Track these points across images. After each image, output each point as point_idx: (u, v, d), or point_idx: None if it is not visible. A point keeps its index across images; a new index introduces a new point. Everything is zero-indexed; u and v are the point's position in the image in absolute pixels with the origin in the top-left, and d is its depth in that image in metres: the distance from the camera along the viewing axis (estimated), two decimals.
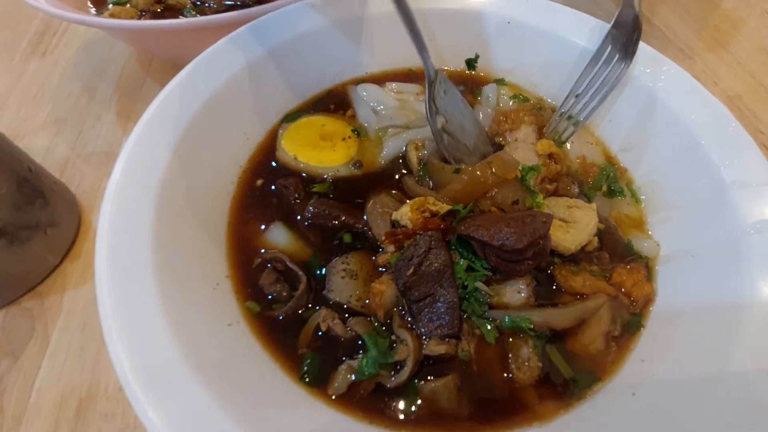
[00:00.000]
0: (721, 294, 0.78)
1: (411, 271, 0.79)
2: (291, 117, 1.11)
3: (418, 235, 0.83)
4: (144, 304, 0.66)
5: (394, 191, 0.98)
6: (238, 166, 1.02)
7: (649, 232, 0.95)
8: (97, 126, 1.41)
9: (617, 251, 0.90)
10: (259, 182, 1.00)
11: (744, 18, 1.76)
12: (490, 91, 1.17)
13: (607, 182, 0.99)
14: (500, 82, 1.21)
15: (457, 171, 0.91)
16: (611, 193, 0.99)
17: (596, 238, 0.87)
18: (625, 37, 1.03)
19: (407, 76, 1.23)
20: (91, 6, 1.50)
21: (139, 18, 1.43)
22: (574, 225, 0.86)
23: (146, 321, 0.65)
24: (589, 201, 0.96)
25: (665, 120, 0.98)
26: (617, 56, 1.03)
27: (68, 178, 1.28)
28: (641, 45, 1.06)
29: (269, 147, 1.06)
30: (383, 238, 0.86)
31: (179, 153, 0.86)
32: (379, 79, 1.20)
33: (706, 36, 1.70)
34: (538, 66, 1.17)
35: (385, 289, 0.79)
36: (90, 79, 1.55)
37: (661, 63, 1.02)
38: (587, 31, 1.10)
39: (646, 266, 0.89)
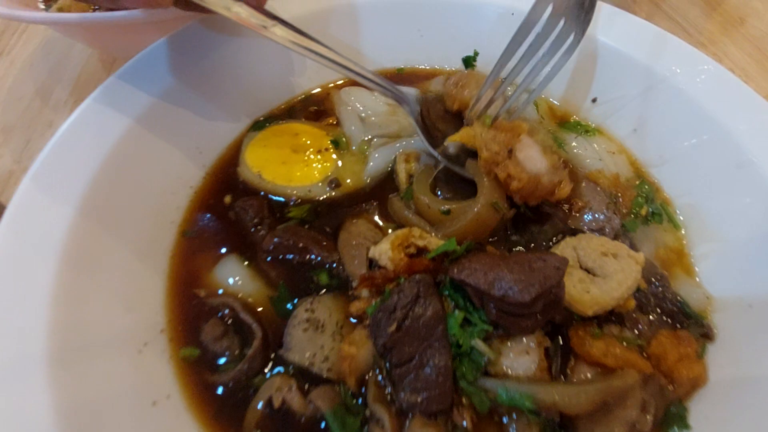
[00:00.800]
0: None
1: (393, 327, 0.62)
2: (259, 125, 0.94)
3: (402, 280, 0.66)
4: (26, 389, 0.49)
5: (376, 218, 0.81)
6: (188, 187, 0.85)
7: (695, 275, 0.76)
8: (47, 135, 1.25)
9: (665, 312, 0.71)
10: (217, 205, 0.83)
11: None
12: None
13: (646, 203, 0.81)
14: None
15: (447, 213, 0.75)
16: (649, 218, 0.81)
17: (632, 301, 0.68)
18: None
19: (398, 77, 1.06)
20: (42, 1, 1.34)
21: (93, 11, 1.26)
22: (601, 281, 0.67)
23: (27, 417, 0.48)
24: (632, 240, 0.77)
25: (706, 130, 0.81)
26: (561, 22, 0.77)
27: (9, 195, 1.12)
28: (672, 39, 0.88)
29: (230, 162, 0.89)
30: (357, 282, 0.68)
31: (101, 180, 0.69)
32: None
33: (733, 31, 1.52)
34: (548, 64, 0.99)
35: (356, 352, 0.62)
36: (45, 81, 1.40)
37: (698, 61, 0.84)
38: (604, 22, 0.92)
39: (700, 336, 0.69)
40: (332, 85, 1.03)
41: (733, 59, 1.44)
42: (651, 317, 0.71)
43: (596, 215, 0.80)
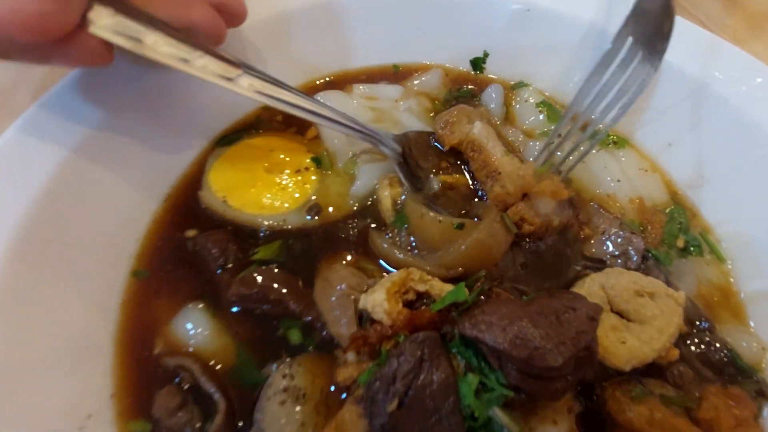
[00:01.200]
0: None
1: (394, 405, 0.50)
2: (227, 139, 0.80)
3: (402, 338, 0.53)
4: None
5: (357, 256, 0.67)
6: (148, 213, 0.71)
7: (746, 319, 0.65)
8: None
9: (712, 363, 0.60)
10: (178, 241, 0.69)
11: None
12: (494, 91, 0.87)
13: (681, 233, 0.70)
14: (519, 85, 0.91)
15: (461, 227, 0.63)
16: (686, 250, 0.69)
17: (676, 350, 0.57)
18: (651, 28, 0.74)
19: (381, 74, 0.91)
20: None
21: None
22: (637, 329, 0.56)
23: None
24: (667, 274, 0.65)
25: (755, 146, 0.69)
26: (640, 54, 0.74)
27: None
28: (714, 39, 0.76)
29: (192, 184, 0.75)
30: (348, 342, 0.55)
31: (37, 215, 0.56)
32: (343, 81, 0.89)
33: (757, 28, 1.41)
34: (570, 69, 0.86)
35: None
36: (5, 85, 1.24)
37: (747, 65, 0.72)
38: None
39: (756, 394, 0.58)
40: (312, 85, 0.89)
41: (760, 58, 1.33)
42: (696, 369, 0.60)
43: (613, 239, 0.70)
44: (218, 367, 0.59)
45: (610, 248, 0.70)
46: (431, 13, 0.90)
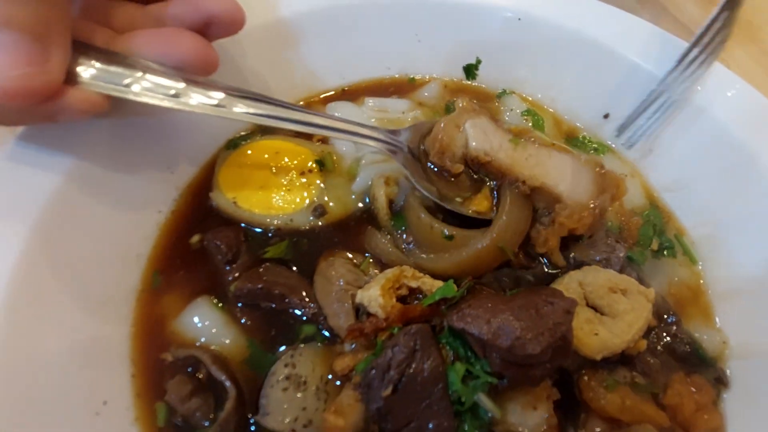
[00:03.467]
0: None
1: (389, 390, 0.55)
2: (234, 142, 0.84)
3: (396, 330, 0.58)
4: None
5: (354, 254, 0.71)
6: (157, 213, 0.75)
7: (713, 316, 0.70)
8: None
9: (677, 354, 0.65)
10: (189, 238, 0.73)
11: None
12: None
13: (655, 235, 0.75)
14: (503, 94, 0.95)
15: (450, 238, 0.67)
16: (660, 252, 0.74)
17: (644, 342, 0.62)
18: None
19: (395, 86, 0.96)
20: None
21: None
22: (609, 322, 0.61)
23: None
24: (640, 272, 0.70)
25: (730, 154, 0.74)
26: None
27: None
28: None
29: (204, 185, 0.79)
30: (345, 333, 0.60)
31: (52, 214, 0.60)
32: (356, 94, 0.94)
33: (745, 38, 1.45)
34: (557, 75, 0.91)
35: (344, 424, 0.55)
36: None
37: (725, 78, 0.77)
38: (621, 30, 0.85)
39: (715, 381, 0.64)
40: (316, 99, 0.93)
41: (740, 66, 1.37)
42: (663, 359, 0.65)
43: (599, 245, 0.72)
44: (226, 357, 0.64)
45: (594, 254, 0.72)
46: (427, 21, 0.93)
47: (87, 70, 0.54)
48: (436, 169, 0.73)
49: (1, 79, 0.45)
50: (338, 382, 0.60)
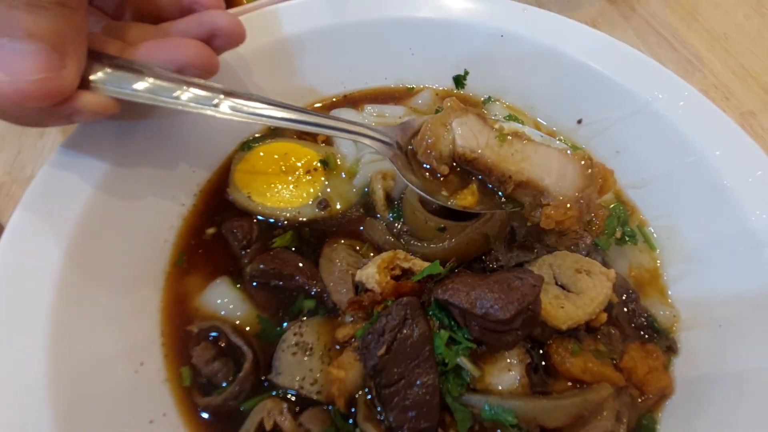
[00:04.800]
0: (755, 378, 0.64)
1: (383, 350, 0.64)
2: (247, 145, 0.95)
3: (390, 302, 0.68)
4: (29, 409, 0.52)
5: (354, 241, 0.81)
6: (181, 205, 0.86)
7: (667, 294, 0.80)
8: (39, 146, 1.24)
9: (635, 325, 0.75)
10: (209, 228, 0.84)
11: (757, 28, 1.62)
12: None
13: (619, 225, 0.84)
14: (488, 101, 1.06)
15: (443, 230, 0.76)
16: (623, 240, 0.84)
17: (604, 315, 0.71)
18: None
19: (393, 95, 1.07)
20: None
21: None
22: (574, 297, 0.70)
23: None
24: (604, 256, 0.79)
25: (684, 155, 0.84)
26: None
27: (1, 207, 1.12)
28: (659, 67, 0.91)
29: (221, 183, 0.90)
30: (346, 307, 0.70)
31: (99, 196, 0.70)
32: (356, 101, 1.05)
33: (717, 46, 1.56)
34: (537, 87, 1.02)
35: (345, 375, 0.64)
36: None
37: (680, 88, 0.87)
38: (592, 46, 0.95)
39: (666, 349, 0.74)
40: (319, 105, 1.04)
41: (717, 75, 1.48)
42: (622, 330, 0.75)
43: (569, 233, 0.82)
44: (244, 327, 0.73)
45: (565, 241, 0.82)
46: (420, 36, 1.04)
47: (100, 76, 0.59)
48: (426, 165, 0.75)
49: (22, 82, 0.50)
50: (338, 347, 0.70)
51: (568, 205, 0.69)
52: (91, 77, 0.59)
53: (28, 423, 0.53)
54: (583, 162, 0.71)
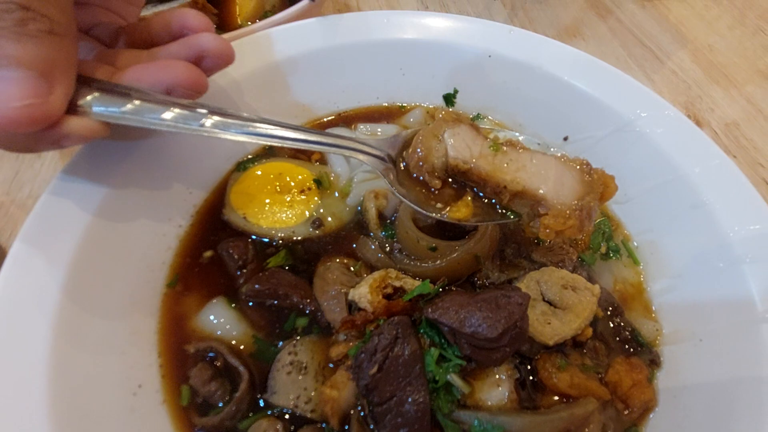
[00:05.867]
0: (735, 390, 0.66)
1: (375, 369, 0.66)
2: (243, 165, 0.97)
3: (382, 321, 0.70)
4: None
5: (347, 260, 0.83)
6: (178, 227, 0.88)
7: (651, 309, 0.83)
8: (36, 166, 1.26)
9: (619, 339, 0.78)
10: (205, 250, 0.86)
11: (740, 38, 1.66)
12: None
13: (604, 240, 0.87)
14: (476, 117, 1.09)
15: (434, 249, 0.78)
16: (608, 255, 0.87)
17: (590, 329, 0.74)
18: None
19: (385, 114, 1.10)
20: None
21: None
22: (560, 314, 0.73)
23: None
24: (590, 271, 0.82)
25: (665, 172, 0.87)
26: None
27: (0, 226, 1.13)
28: (640, 86, 0.94)
29: (217, 203, 0.92)
30: (339, 326, 0.72)
31: (97, 223, 0.72)
32: (349, 120, 1.08)
33: (701, 57, 1.60)
34: (523, 106, 1.05)
35: (338, 395, 0.66)
36: None
37: (660, 106, 0.90)
38: (577, 66, 0.99)
39: (649, 362, 0.76)
40: (315, 125, 1.07)
41: (702, 86, 1.52)
42: (607, 344, 0.78)
43: (555, 249, 0.85)
44: (238, 348, 0.75)
45: (551, 257, 0.85)
46: (410, 56, 1.07)
47: (87, 100, 0.60)
48: (421, 178, 0.73)
49: (9, 108, 0.51)
50: (332, 365, 0.72)
51: (568, 213, 0.66)
52: (79, 102, 0.60)
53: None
54: (580, 168, 0.70)
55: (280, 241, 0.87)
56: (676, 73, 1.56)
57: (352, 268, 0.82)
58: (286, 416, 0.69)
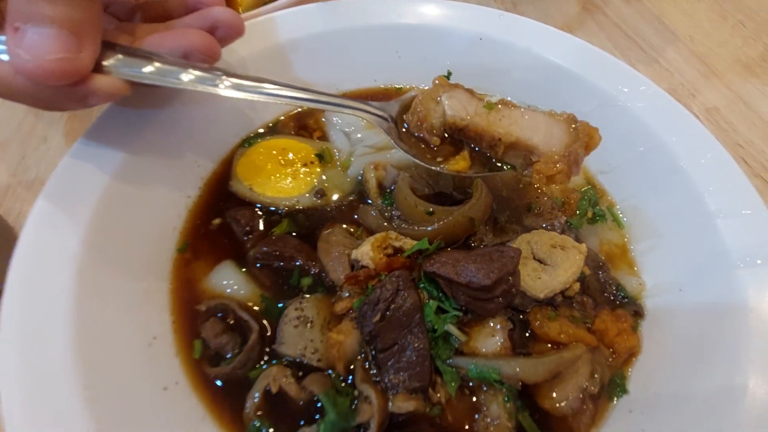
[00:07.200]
0: (712, 333, 0.71)
1: (378, 317, 0.70)
2: (249, 141, 1.02)
3: (384, 276, 0.75)
4: (57, 376, 0.57)
5: (349, 226, 0.87)
6: (186, 197, 0.92)
7: (635, 266, 0.88)
8: (42, 149, 1.30)
9: (606, 293, 0.83)
10: (214, 218, 0.90)
11: (719, 28, 1.75)
12: None
13: (590, 206, 0.93)
14: None
15: (431, 213, 0.83)
16: (594, 219, 0.92)
17: (577, 284, 0.79)
18: None
19: (383, 95, 1.15)
20: None
21: None
22: (550, 270, 0.78)
23: (59, 398, 0.55)
24: (577, 233, 0.87)
25: (645, 142, 0.93)
26: None
27: (7, 208, 1.17)
28: (620, 64, 1.00)
29: (224, 175, 0.97)
30: (343, 282, 0.77)
31: (114, 187, 0.76)
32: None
33: (682, 47, 1.68)
34: (513, 85, 1.10)
35: (344, 339, 0.70)
36: None
37: (639, 82, 0.97)
38: (562, 48, 1.05)
39: (633, 313, 0.81)
40: None
41: (684, 75, 1.59)
42: (594, 298, 0.82)
43: (545, 214, 0.90)
44: (249, 304, 0.79)
45: (541, 221, 0.90)
46: (407, 40, 1.12)
47: (112, 62, 0.65)
48: (422, 135, 0.80)
49: (44, 60, 0.56)
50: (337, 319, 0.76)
51: (557, 158, 0.73)
52: (104, 62, 0.65)
53: (58, 390, 0.58)
54: (567, 120, 0.76)
55: (285, 209, 0.91)
56: (659, 62, 1.64)
57: (353, 233, 0.86)
58: (294, 364, 0.73)
